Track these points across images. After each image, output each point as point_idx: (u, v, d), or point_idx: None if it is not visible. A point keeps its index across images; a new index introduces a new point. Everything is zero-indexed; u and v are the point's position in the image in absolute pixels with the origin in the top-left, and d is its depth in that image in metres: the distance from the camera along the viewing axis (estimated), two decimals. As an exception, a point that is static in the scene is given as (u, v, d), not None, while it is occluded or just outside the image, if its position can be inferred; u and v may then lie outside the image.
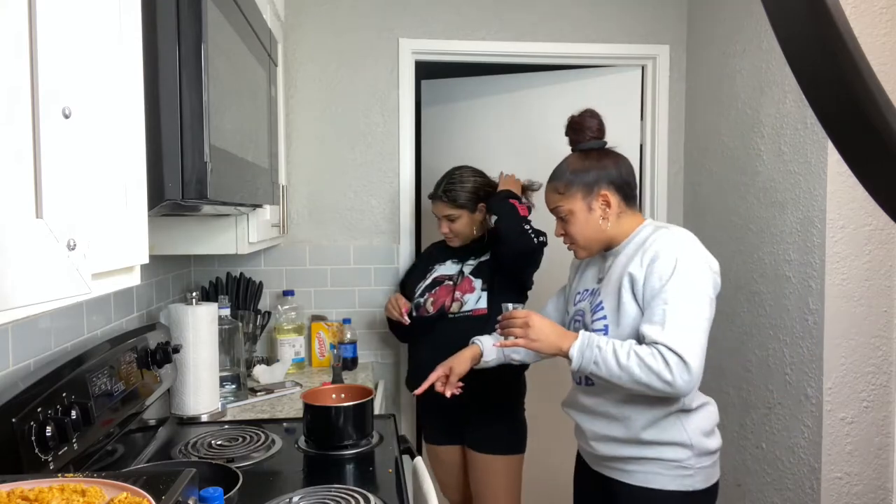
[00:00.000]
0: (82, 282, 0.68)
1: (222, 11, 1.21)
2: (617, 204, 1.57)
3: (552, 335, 1.48)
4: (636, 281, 1.46)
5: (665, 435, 1.49)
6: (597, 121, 1.63)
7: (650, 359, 1.37)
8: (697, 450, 1.50)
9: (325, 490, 1.38)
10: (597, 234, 1.58)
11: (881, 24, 1.90)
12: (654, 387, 1.38)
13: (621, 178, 1.58)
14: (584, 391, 1.61)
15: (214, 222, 1.80)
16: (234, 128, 1.34)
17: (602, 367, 1.41)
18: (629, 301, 1.48)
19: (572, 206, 1.57)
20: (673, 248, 1.46)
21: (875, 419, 1.98)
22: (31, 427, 1.08)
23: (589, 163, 1.58)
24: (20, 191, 0.60)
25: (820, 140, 1.98)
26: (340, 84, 2.73)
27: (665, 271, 1.42)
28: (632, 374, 1.38)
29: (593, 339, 1.44)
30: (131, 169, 0.88)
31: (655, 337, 1.38)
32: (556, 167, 1.64)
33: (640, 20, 2.83)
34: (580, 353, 1.43)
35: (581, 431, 1.66)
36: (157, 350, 1.67)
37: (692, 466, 1.50)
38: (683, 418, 1.50)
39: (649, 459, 1.51)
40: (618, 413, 1.53)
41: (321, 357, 2.63)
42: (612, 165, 1.58)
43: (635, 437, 1.51)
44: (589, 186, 1.56)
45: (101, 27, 0.78)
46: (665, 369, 1.36)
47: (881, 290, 1.96)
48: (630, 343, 1.42)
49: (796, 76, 0.37)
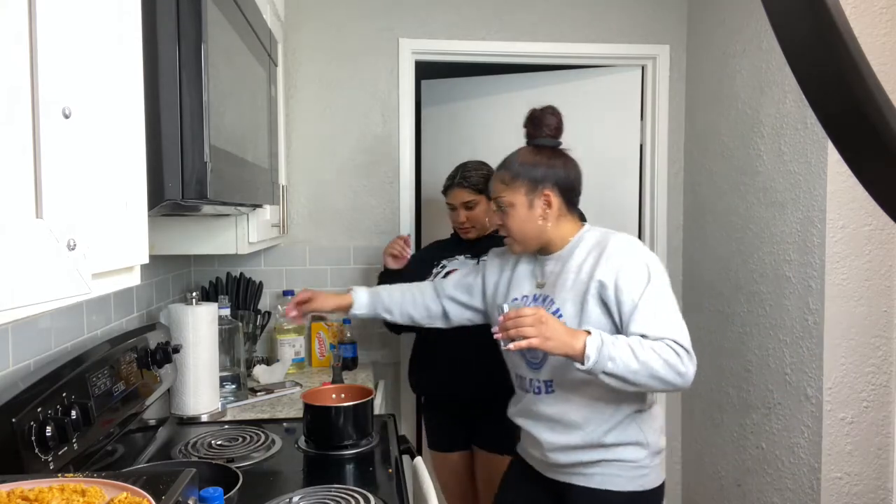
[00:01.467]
0: (82, 282, 0.68)
1: (222, 11, 1.21)
2: (558, 206, 1.56)
3: (564, 333, 1.39)
4: (606, 287, 1.46)
5: (624, 436, 1.51)
6: (556, 119, 1.62)
7: (667, 352, 1.38)
8: (653, 448, 1.54)
9: (325, 490, 1.38)
10: (534, 232, 1.56)
11: (881, 24, 1.90)
12: (669, 380, 1.38)
13: (568, 182, 1.57)
14: (544, 400, 1.56)
15: (214, 222, 1.80)
16: (234, 128, 1.34)
17: (619, 363, 1.36)
18: (595, 307, 1.47)
19: (514, 198, 1.55)
20: (638, 254, 1.50)
21: (875, 419, 1.98)
22: (31, 427, 1.08)
23: (539, 159, 1.56)
24: (20, 191, 0.60)
25: (820, 140, 1.98)
26: (340, 84, 2.73)
27: (641, 276, 1.45)
28: (651, 368, 1.36)
29: (605, 336, 1.39)
30: (131, 169, 0.88)
31: (660, 333, 1.40)
32: (507, 157, 1.62)
33: (639, 20, 2.83)
34: (597, 351, 1.36)
35: (534, 441, 1.61)
36: (157, 350, 1.67)
37: (647, 465, 1.53)
38: (639, 419, 1.53)
39: (609, 461, 1.52)
40: (579, 419, 1.52)
41: (321, 357, 2.63)
42: (561, 167, 1.56)
43: (597, 441, 1.51)
44: (534, 183, 1.54)
45: (101, 27, 0.78)
46: (679, 362, 1.38)
47: (881, 290, 1.96)
48: (638, 338, 1.40)
49: (796, 76, 0.37)
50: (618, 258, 1.47)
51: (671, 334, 1.40)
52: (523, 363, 1.61)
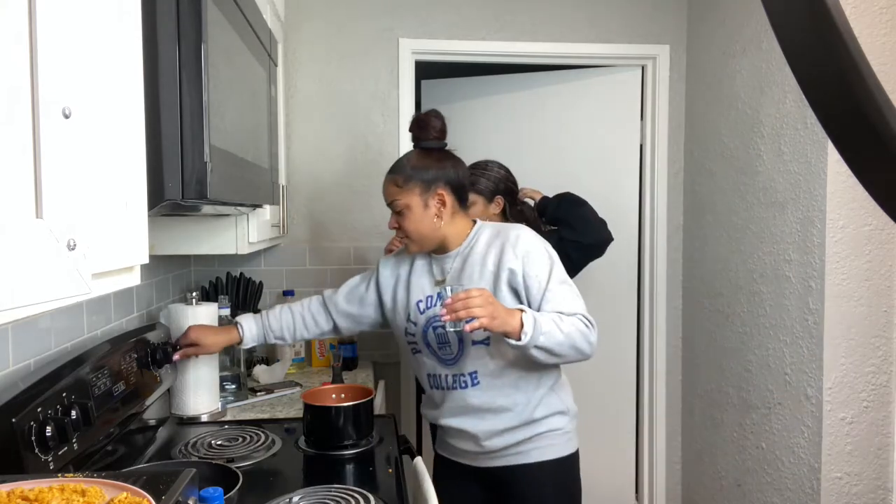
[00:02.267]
0: (82, 282, 0.68)
1: (222, 11, 1.21)
2: (451, 204, 1.62)
3: (504, 311, 1.45)
4: (516, 274, 1.56)
5: (549, 408, 1.63)
6: (440, 122, 1.69)
7: (580, 325, 1.51)
8: (571, 413, 1.68)
9: (325, 490, 1.38)
10: (431, 231, 1.61)
11: (881, 24, 1.90)
12: (583, 350, 1.51)
13: (458, 181, 1.64)
14: (471, 393, 1.61)
15: (214, 222, 1.80)
16: (234, 128, 1.34)
17: (549, 337, 1.46)
18: (506, 293, 1.56)
19: (409, 200, 1.60)
20: (538, 242, 1.61)
21: (875, 419, 1.98)
22: (31, 427, 1.08)
23: (429, 161, 1.62)
24: (20, 191, 0.60)
25: (820, 140, 1.98)
26: (340, 84, 2.73)
27: (545, 261, 1.57)
28: (572, 339, 1.49)
29: (535, 313, 1.48)
30: (131, 169, 0.88)
31: (572, 309, 1.53)
32: (397, 161, 1.69)
33: (639, 20, 2.83)
34: (532, 327, 1.44)
35: (466, 435, 1.65)
36: (157, 350, 1.67)
37: (570, 430, 1.67)
38: (557, 388, 1.66)
39: (540, 434, 1.62)
40: (508, 403, 1.60)
41: (321, 357, 2.63)
42: (450, 167, 1.64)
43: (528, 418, 1.61)
44: (427, 184, 1.60)
45: (101, 27, 0.78)
46: (589, 332, 1.52)
47: (881, 290, 1.96)
48: (557, 314, 1.51)
49: (796, 76, 0.37)
50: (522, 246, 1.58)
51: (580, 310, 1.54)
52: (436, 362, 1.65)
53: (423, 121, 1.69)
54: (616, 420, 3.03)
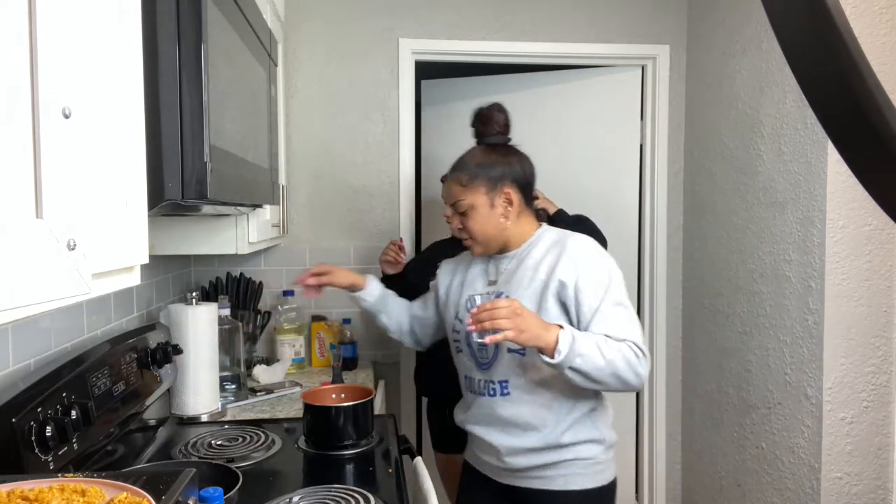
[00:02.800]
0: (82, 282, 0.68)
1: (222, 11, 1.21)
2: (518, 202, 1.54)
3: (537, 325, 1.36)
4: (566, 286, 1.45)
5: (581, 434, 1.51)
6: (504, 115, 1.61)
7: (628, 353, 1.40)
8: (607, 443, 1.56)
9: (325, 490, 1.38)
10: (497, 231, 1.54)
11: (881, 24, 1.90)
12: (628, 380, 1.40)
13: (524, 178, 1.56)
14: (499, 402, 1.53)
15: (214, 222, 1.80)
16: (234, 128, 1.34)
17: (587, 360, 1.36)
18: (553, 305, 1.47)
19: (474, 200, 1.52)
20: (599, 256, 1.51)
21: (875, 419, 1.98)
22: (31, 427, 1.08)
23: (495, 157, 1.54)
24: (20, 191, 0.60)
25: (820, 140, 1.98)
26: (340, 84, 2.73)
27: (602, 278, 1.46)
28: (614, 367, 1.38)
29: (576, 332, 1.39)
30: (131, 169, 0.88)
31: (621, 335, 1.41)
32: (459, 158, 1.59)
33: (639, 20, 2.83)
34: (568, 346, 1.34)
35: (489, 447, 1.57)
36: (157, 350, 1.67)
37: (604, 461, 1.55)
38: (594, 415, 1.54)
39: (568, 461, 1.50)
40: (535, 421, 1.49)
41: (321, 357, 2.63)
42: (517, 163, 1.55)
43: (554, 442, 1.49)
44: (493, 181, 1.52)
45: (101, 27, 0.78)
46: (638, 363, 1.40)
47: (881, 290, 1.96)
48: (603, 337, 1.40)
49: (796, 76, 0.37)
50: (579, 259, 1.48)
51: (631, 336, 1.42)
52: (473, 364, 1.58)
53: (486, 115, 1.60)
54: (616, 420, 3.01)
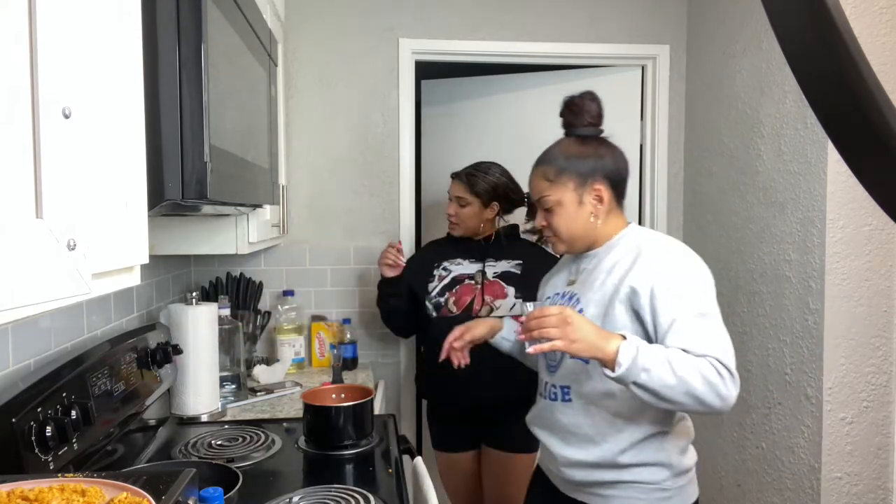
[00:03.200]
0: (82, 282, 0.68)
1: (222, 11, 1.21)
2: (609, 200, 1.43)
3: (592, 334, 1.24)
4: (639, 295, 1.32)
5: (642, 456, 1.37)
6: (596, 105, 1.48)
7: (709, 371, 1.23)
8: (675, 469, 1.40)
9: (325, 490, 1.38)
10: (584, 230, 1.43)
11: (881, 24, 1.90)
12: (708, 401, 1.24)
13: (617, 173, 1.44)
14: (559, 408, 1.44)
15: (214, 222, 1.80)
16: (234, 128, 1.34)
17: (654, 376, 1.21)
18: (623, 314, 1.34)
19: (561, 196, 1.42)
20: (681, 262, 1.37)
21: (875, 419, 1.98)
22: (31, 427, 1.08)
23: (586, 150, 1.43)
24: (20, 191, 0.60)
25: (820, 140, 1.98)
26: (340, 84, 2.73)
27: (682, 287, 1.32)
28: (688, 386, 1.22)
29: (642, 343, 1.24)
30: (131, 169, 0.88)
31: (702, 350, 1.25)
32: (547, 150, 1.48)
33: (640, 20, 2.83)
34: (631, 359, 1.21)
35: (549, 455, 1.49)
36: (157, 350, 1.67)
37: (670, 488, 1.39)
38: (661, 438, 1.39)
39: (626, 483, 1.38)
40: (595, 434, 1.39)
41: (321, 357, 2.63)
42: (609, 156, 1.44)
43: (611, 460, 1.37)
44: (583, 177, 1.41)
45: (101, 27, 0.78)
46: (721, 383, 1.24)
47: (881, 290, 1.96)
48: (678, 351, 1.25)
49: (796, 76, 0.37)
50: (657, 264, 1.34)
51: (715, 352, 1.25)
52: (544, 365, 1.51)
53: (576, 104, 1.46)
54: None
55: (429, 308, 2.21)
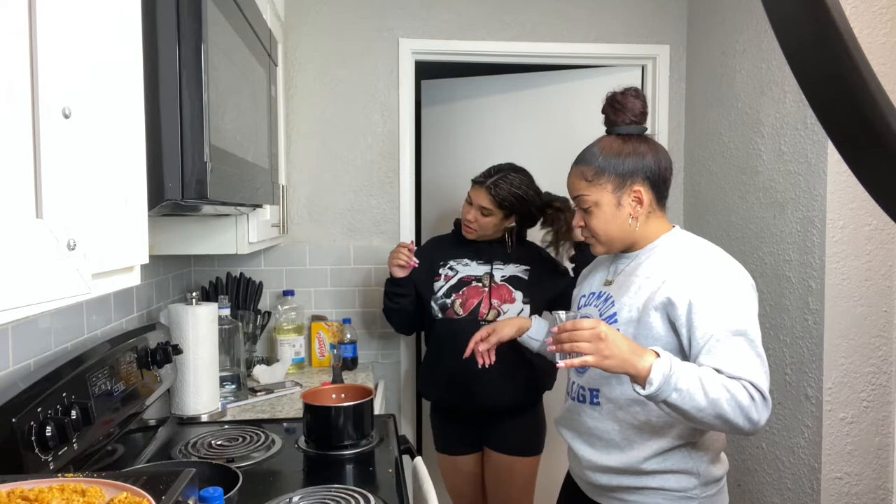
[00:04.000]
0: (82, 282, 0.68)
1: (222, 11, 1.21)
2: (649, 202, 1.38)
3: (626, 351, 1.19)
4: (675, 306, 1.28)
5: (668, 463, 1.34)
6: (640, 102, 1.41)
7: (741, 394, 1.20)
8: (704, 478, 1.36)
9: (325, 490, 1.38)
10: (622, 233, 1.39)
11: (881, 24, 1.90)
12: (737, 424, 1.21)
13: (659, 174, 1.38)
14: (586, 411, 1.42)
15: (214, 222, 1.81)
16: (234, 128, 1.34)
17: (685, 396, 1.18)
18: (658, 322, 1.30)
19: (599, 197, 1.37)
20: (723, 275, 1.31)
21: (875, 419, 1.98)
22: (31, 427, 1.08)
23: (626, 149, 1.37)
24: (20, 191, 0.60)
25: (820, 140, 1.98)
26: (340, 84, 2.73)
27: (724, 301, 1.27)
28: (719, 409, 1.19)
29: (675, 362, 1.20)
30: (131, 169, 0.88)
31: (736, 372, 1.22)
32: (586, 149, 1.43)
33: (640, 20, 2.83)
34: (663, 377, 1.17)
35: (575, 457, 1.48)
36: (157, 350, 1.67)
37: (697, 496, 1.35)
38: (693, 448, 1.36)
39: (651, 489, 1.36)
40: (621, 440, 1.37)
41: (321, 357, 2.64)
42: (650, 156, 1.37)
43: (635, 466, 1.35)
44: (622, 178, 1.36)
45: (101, 27, 0.78)
46: (752, 407, 1.20)
47: (881, 290, 1.96)
48: (710, 370, 1.22)
49: (796, 76, 0.37)
50: (697, 276, 1.29)
51: (749, 375, 1.21)
52: None
53: (618, 101, 1.40)
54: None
55: (434, 309, 2.18)
